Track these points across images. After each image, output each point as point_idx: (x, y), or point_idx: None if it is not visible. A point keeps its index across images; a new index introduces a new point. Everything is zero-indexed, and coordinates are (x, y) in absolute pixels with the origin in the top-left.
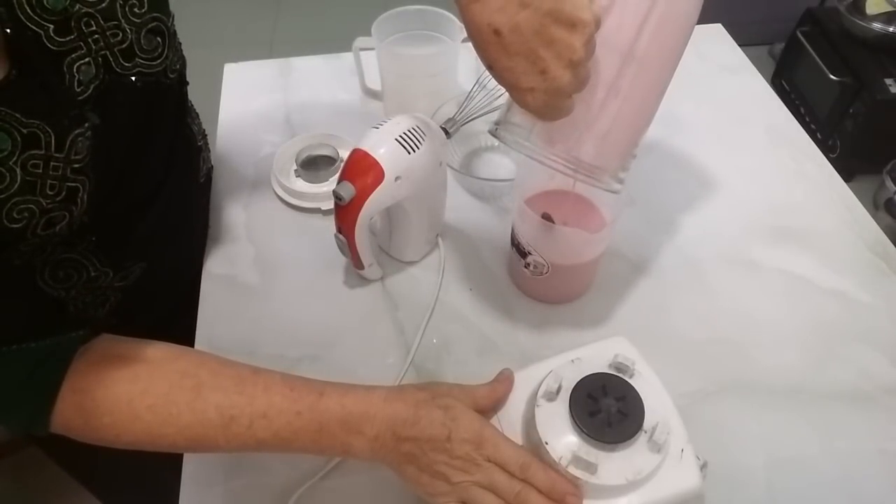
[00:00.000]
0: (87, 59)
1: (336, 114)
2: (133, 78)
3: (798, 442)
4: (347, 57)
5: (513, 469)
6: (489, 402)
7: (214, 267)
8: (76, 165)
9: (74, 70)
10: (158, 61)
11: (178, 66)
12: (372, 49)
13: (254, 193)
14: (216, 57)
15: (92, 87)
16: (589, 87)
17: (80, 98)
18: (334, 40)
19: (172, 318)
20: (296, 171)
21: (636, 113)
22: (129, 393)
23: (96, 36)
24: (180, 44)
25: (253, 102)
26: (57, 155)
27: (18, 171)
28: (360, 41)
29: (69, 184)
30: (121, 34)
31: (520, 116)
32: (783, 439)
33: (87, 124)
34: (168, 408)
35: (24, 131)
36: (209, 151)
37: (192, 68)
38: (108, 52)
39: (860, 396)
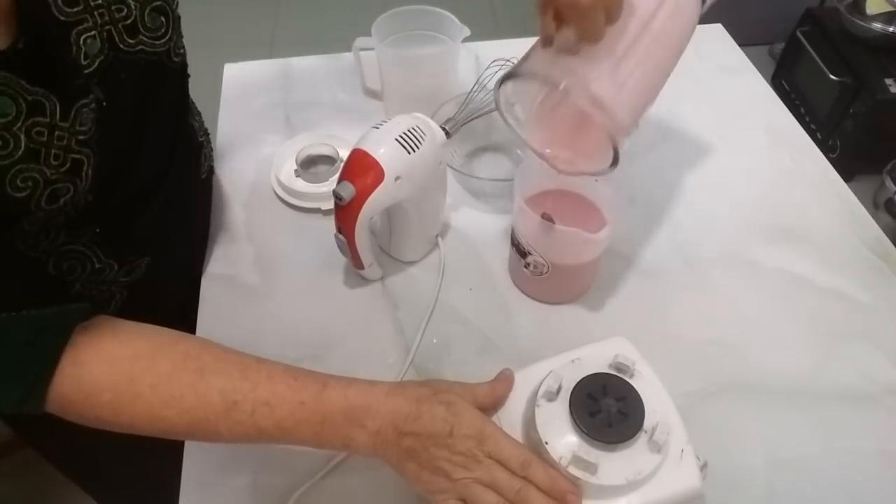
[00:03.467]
0: (92, 33)
1: (336, 114)
2: (136, 56)
3: (798, 442)
4: (347, 57)
5: (513, 466)
6: (489, 401)
7: (214, 267)
8: (81, 137)
9: (81, 42)
10: (162, 41)
11: (181, 51)
12: (372, 49)
13: (254, 193)
14: (216, 57)
15: (97, 61)
16: (613, 39)
17: (86, 72)
18: (334, 40)
19: (176, 319)
20: (296, 171)
21: (646, 80)
22: (131, 370)
23: (102, 10)
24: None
25: (253, 102)
26: (62, 124)
27: (23, 137)
28: (360, 41)
29: (74, 155)
30: (125, 10)
31: (538, 61)
32: (783, 439)
33: (91, 96)
34: (170, 388)
35: (29, 98)
36: (211, 149)
37: (192, 68)
38: (112, 28)
39: (860, 396)
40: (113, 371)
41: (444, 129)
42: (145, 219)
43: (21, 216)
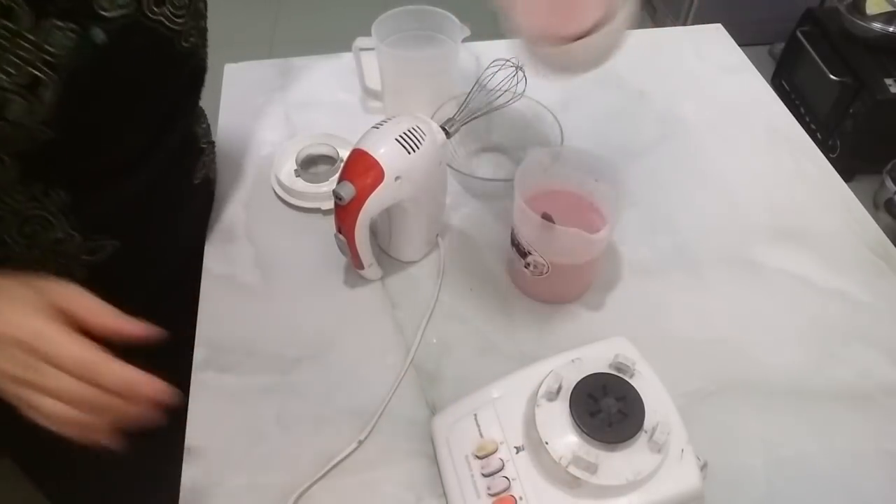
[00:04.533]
0: None
1: (336, 114)
2: (154, 26)
3: (798, 442)
4: (347, 57)
5: (78, 373)
6: (85, 315)
7: (214, 267)
8: (48, 58)
9: None
10: (181, 21)
11: (192, 40)
12: (372, 49)
13: (254, 193)
14: (216, 57)
15: (119, 14)
16: None
17: (104, 13)
18: (334, 40)
19: (141, 313)
20: (296, 171)
21: None
22: None
23: None
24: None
25: (253, 102)
26: (28, 35)
27: None
28: (360, 41)
29: (33, 71)
30: None
31: None
32: (783, 439)
33: (71, 24)
34: None
35: (4, 2)
36: (212, 160)
37: None
38: None
39: (860, 396)
40: None
41: (444, 129)
42: (118, 197)
43: None
